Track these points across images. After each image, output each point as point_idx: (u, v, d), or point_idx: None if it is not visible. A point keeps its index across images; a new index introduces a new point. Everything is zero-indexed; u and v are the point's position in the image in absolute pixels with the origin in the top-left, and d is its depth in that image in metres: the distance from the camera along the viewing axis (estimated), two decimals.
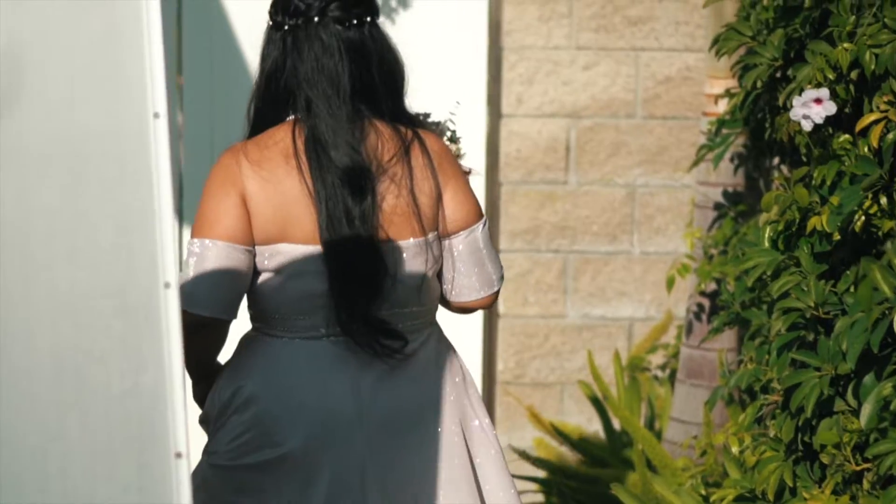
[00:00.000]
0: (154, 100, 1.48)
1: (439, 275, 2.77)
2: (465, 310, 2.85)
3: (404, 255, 2.67)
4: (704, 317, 4.46)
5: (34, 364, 1.40)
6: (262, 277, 2.67)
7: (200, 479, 2.70)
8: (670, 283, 4.62)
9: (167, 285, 1.41)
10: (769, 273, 2.94)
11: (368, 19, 2.70)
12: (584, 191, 5.40)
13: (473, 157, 5.40)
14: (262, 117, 2.72)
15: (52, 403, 1.39)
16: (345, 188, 2.61)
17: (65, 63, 1.46)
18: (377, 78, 2.69)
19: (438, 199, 2.70)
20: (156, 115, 1.48)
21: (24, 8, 1.45)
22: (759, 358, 3.33)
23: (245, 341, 2.75)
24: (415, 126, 2.75)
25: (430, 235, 2.70)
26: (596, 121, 5.38)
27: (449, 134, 2.91)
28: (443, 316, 4.12)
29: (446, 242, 2.74)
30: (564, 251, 5.40)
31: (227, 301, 2.63)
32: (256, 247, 2.64)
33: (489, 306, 2.86)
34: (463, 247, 2.74)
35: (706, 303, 4.46)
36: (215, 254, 2.61)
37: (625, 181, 5.40)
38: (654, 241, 5.43)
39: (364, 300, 2.63)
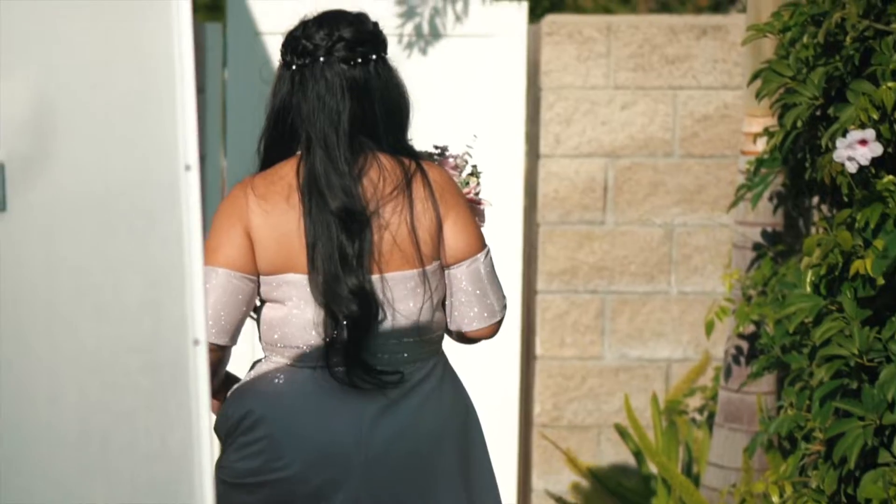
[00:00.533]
0: (186, 152, 1.45)
1: (444, 305, 2.82)
2: (467, 339, 2.87)
3: (403, 286, 2.72)
4: (743, 360, 4.40)
5: (59, 423, 1.36)
6: (270, 307, 2.74)
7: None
8: (709, 328, 4.55)
9: (196, 342, 1.38)
10: (811, 319, 2.89)
11: (374, 56, 2.77)
12: (622, 231, 5.35)
13: (511, 197, 5.37)
14: (271, 152, 2.80)
15: (76, 465, 1.35)
16: (337, 228, 2.68)
17: (96, 116, 1.43)
18: (379, 114, 2.76)
19: (439, 229, 2.75)
20: (187, 168, 1.45)
21: (58, 61, 1.43)
22: (800, 404, 3.27)
23: (256, 366, 2.81)
24: (418, 158, 2.80)
25: (430, 267, 2.75)
26: (634, 160, 5.34)
27: (470, 168, 2.92)
28: (480, 357, 4.08)
29: (448, 272, 2.78)
30: (602, 292, 5.35)
31: (225, 327, 2.70)
32: (263, 277, 2.72)
33: (492, 336, 2.88)
34: (465, 277, 2.77)
35: (745, 345, 4.39)
36: (215, 281, 2.69)
37: (662, 220, 5.35)
38: (692, 280, 5.38)
39: (353, 338, 2.68)
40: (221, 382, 2.83)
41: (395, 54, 5.33)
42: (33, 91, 1.41)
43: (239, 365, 3.12)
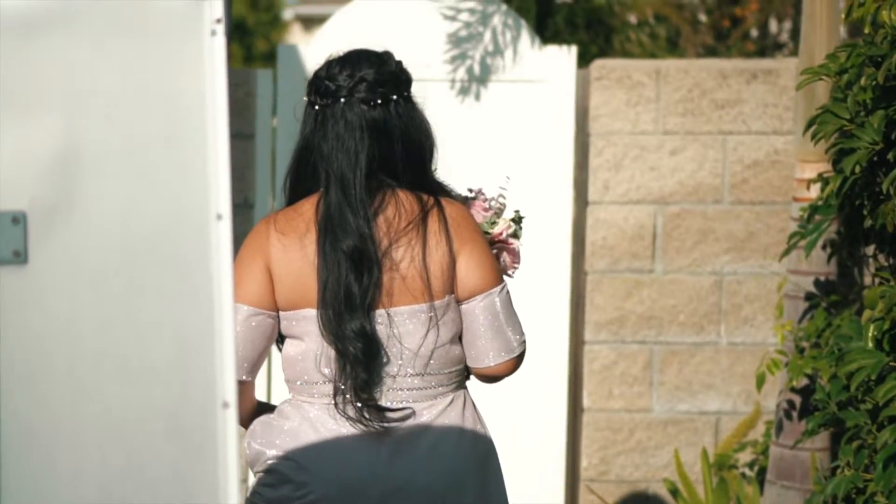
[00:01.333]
0: (218, 201, 1.37)
1: (461, 340, 2.82)
2: (486, 377, 2.86)
3: (412, 320, 2.74)
4: (795, 414, 4.27)
5: (81, 493, 1.27)
6: (289, 343, 2.79)
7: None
8: (760, 382, 4.42)
9: (225, 405, 1.29)
10: (874, 377, 2.77)
11: (394, 97, 2.80)
12: (671, 279, 5.24)
13: (559, 245, 5.28)
14: (296, 189, 2.85)
15: None
16: (347, 268, 2.72)
17: (123, 165, 1.36)
18: (399, 153, 2.79)
19: (453, 264, 2.77)
20: (219, 217, 1.36)
21: (83, 107, 1.35)
22: (858, 464, 3.14)
23: (281, 404, 2.85)
24: (437, 195, 2.82)
25: (440, 301, 2.76)
26: (683, 207, 5.24)
27: (513, 214, 2.88)
28: (527, 409, 3.94)
29: (463, 307, 2.79)
30: (650, 342, 5.24)
31: (245, 362, 2.74)
32: (282, 312, 2.77)
33: (510, 373, 2.86)
34: (479, 311, 2.78)
35: (797, 400, 4.27)
36: (235, 316, 2.69)
37: (712, 269, 5.24)
38: (742, 330, 5.26)
39: (359, 376, 2.71)
40: (249, 415, 2.85)
41: (447, 100, 5.29)
42: (57, 137, 1.34)
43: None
